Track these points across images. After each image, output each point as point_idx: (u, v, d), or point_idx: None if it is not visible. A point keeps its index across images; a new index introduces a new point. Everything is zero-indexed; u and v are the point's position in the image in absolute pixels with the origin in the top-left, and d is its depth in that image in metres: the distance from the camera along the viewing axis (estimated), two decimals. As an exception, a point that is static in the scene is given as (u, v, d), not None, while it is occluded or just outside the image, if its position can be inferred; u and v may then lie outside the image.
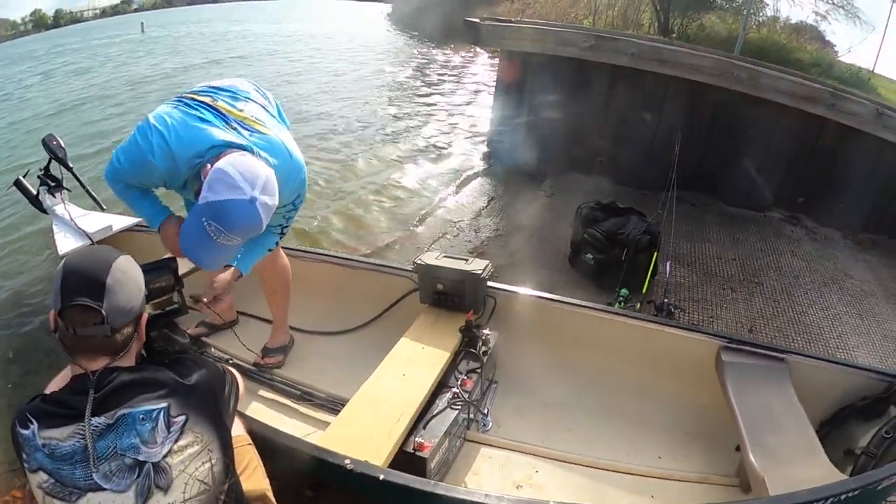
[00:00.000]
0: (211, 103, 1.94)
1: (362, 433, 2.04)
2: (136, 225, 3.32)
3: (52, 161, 2.86)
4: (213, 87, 2.06)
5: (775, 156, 4.80)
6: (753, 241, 4.46)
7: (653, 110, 4.92)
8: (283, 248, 2.71)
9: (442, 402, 2.24)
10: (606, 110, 5.14)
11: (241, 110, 1.97)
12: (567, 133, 5.26)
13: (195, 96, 1.98)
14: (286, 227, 2.22)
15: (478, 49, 9.45)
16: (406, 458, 2.02)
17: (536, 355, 2.67)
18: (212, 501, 1.30)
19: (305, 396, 2.61)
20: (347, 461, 1.82)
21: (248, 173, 1.69)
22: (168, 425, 1.26)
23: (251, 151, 1.84)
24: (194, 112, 1.88)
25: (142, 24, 20.93)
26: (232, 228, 1.68)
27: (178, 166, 1.86)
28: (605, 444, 2.37)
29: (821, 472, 1.85)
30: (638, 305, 3.19)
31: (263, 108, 2.11)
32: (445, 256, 2.60)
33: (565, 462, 2.30)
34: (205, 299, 2.00)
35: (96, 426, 1.21)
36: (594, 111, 5.17)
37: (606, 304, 2.85)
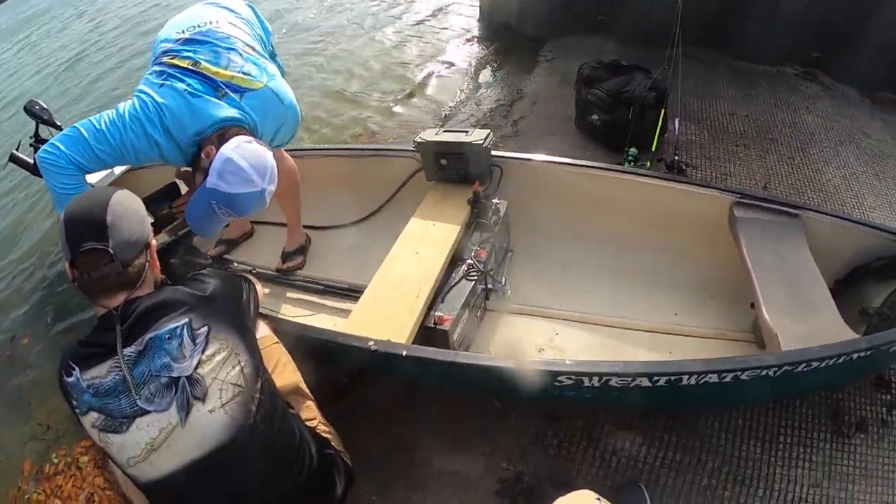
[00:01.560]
0: (193, 68, 1.92)
1: (383, 315, 2.09)
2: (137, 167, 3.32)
3: (40, 125, 2.83)
4: (189, 42, 2.00)
5: (787, 7, 4.46)
6: (766, 97, 4.28)
7: None
8: (285, 149, 2.70)
9: (457, 274, 2.26)
10: None
11: (225, 68, 1.94)
12: None
13: (176, 62, 1.94)
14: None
15: None
16: (428, 333, 2.07)
17: (549, 220, 2.68)
18: (248, 401, 1.37)
19: (329, 290, 2.68)
20: (371, 343, 1.87)
21: (257, 165, 1.77)
22: (193, 338, 1.33)
23: (247, 123, 1.91)
24: (183, 87, 1.86)
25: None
26: (243, 213, 1.84)
27: (181, 149, 1.90)
28: (622, 303, 2.40)
29: (834, 329, 1.84)
30: (648, 164, 3.14)
31: (247, 50, 2.07)
32: (445, 131, 2.56)
33: (584, 323, 2.35)
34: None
35: (129, 356, 1.29)
36: None
37: (616, 164, 2.80)
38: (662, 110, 3.33)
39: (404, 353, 1.83)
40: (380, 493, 2.11)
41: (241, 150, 1.77)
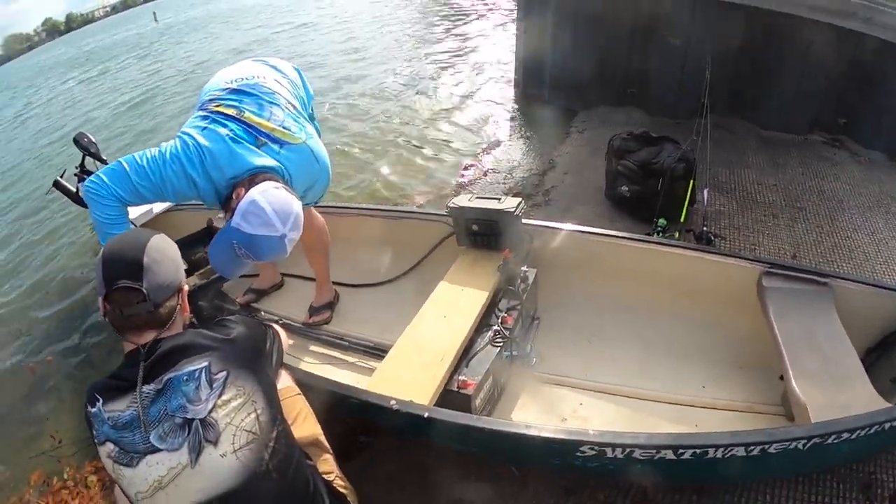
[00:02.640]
0: (237, 116, 2.01)
1: (407, 376, 2.10)
2: (176, 205, 3.41)
3: (86, 157, 2.94)
4: (236, 93, 2.10)
5: (812, 76, 4.55)
6: (794, 165, 4.30)
7: (680, 34, 4.70)
8: (316, 206, 2.76)
9: (483, 340, 2.27)
10: (632, 37, 4.92)
11: (268, 120, 2.03)
12: (594, 65, 5.12)
13: (221, 109, 2.04)
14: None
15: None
16: (451, 397, 2.07)
17: (577, 289, 2.68)
18: (262, 449, 1.36)
19: (353, 346, 2.70)
20: (393, 402, 1.87)
21: (281, 211, 1.80)
22: (210, 382, 1.34)
23: (282, 174, 1.96)
24: (224, 131, 1.95)
25: (154, 14, 20.93)
26: (260, 257, 1.85)
27: (217, 188, 1.96)
28: (648, 374, 2.37)
29: (865, 399, 1.80)
30: (677, 234, 3.16)
31: (290, 107, 2.17)
32: (478, 197, 2.61)
33: (609, 394, 2.32)
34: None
35: (147, 393, 1.31)
36: (620, 39, 4.97)
37: (645, 234, 2.82)
38: (691, 181, 3.37)
39: (426, 414, 1.83)
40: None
41: (267, 194, 1.82)
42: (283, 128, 2.04)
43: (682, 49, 4.68)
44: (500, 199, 2.56)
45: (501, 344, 2.25)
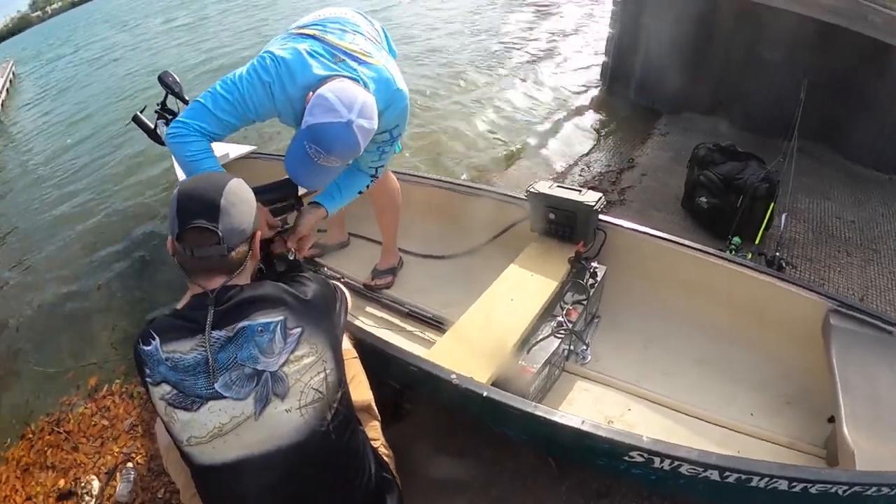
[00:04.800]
0: (320, 36, 1.98)
1: (468, 352, 2.11)
2: (252, 152, 3.51)
3: (169, 96, 3.00)
4: (322, 20, 2.09)
5: None
6: (876, 204, 4.12)
7: (779, 51, 4.52)
8: (394, 171, 2.78)
9: (546, 329, 2.27)
10: (730, 47, 4.78)
11: (350, 42, 2.00)
12: (687, 69, 4.98)
13: (304, 30, 2.02)
14: (380, 166, 2.23)
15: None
16: (508, 380, 2.06)
17: (642, 293, 2.66)
18: (325, 409, 1.37)
19: (412, 315, 2.72)
20: (454, 376, 1.89)
21: (345, 97, 1.74)
22: (285, 336, 1.33)
23: (356, 81, 1.88)
24: (304, 46, 1.91)
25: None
26: (330, 150, 1.74)
27: (291, 101, 1.91)
28: (699, 391, 2.32)
29: None
30: (749, 255, 3.08)
31: (372, 40, 2.14)
32: (559, 186, 2.59)
33: (658, 404, 2.29)
34: (289, 244, 2.02)
35: (217, 339, 1.30)
36: (717, 47, 4.83)
37: (717, 249, 2.77)
38: (772, 203, 3.30)
39: (485, 393, 1.84)
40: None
41: (332, 86, 1.78)
42: (364, 50, 2.00)
43: (780, 66, 4.50)
44: (580, 191, 2.55)
45: (563, 336, 2.25)
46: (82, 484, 2.71)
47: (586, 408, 2.28)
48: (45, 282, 4.50)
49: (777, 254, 3.02)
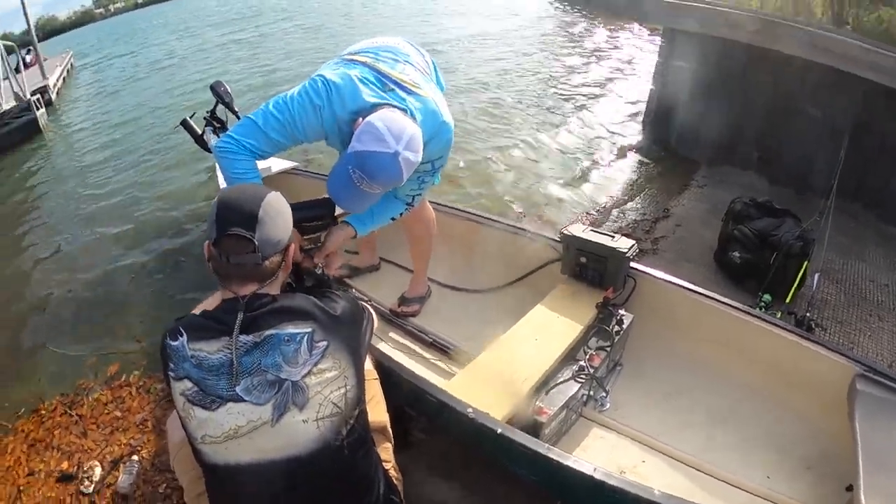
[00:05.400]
0: (371, 63, 2.03)
1: (486, 387, 2.12)
2: (294, 168, 3.58)
3: (219, 105, 3.08)
4: (375, 48, 2.15)
5: None
6: (912, 270, 4.10)
7: (819, 108, 4.49)
8: (431, 202, 2.82)
9: (567, 373, 2.27)
10: (770, 103, 4.77)
11: (400, 72, 2.04)
12: (726, 122, 4.98)
13: (356, 57, 2.07)
14: (418, 195, 2.27)
15: (640, 25, 9.18)
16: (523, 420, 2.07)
17: (667, 344, 2.63)
18: (342, 424, 1.39)
19: (435, 345, 2.73)
20: (470, 410, 1.90)
21: (394, 128, 1.77)
22: (310, 348, 1.36)
23: (405, 112, 1.91)
24: (356, 73, 1.96)
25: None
26: (374, 178, 1.78)
27: (339, 125, 1.96)
28: (716, 448, 2.28)
29: None
30: (779, 314, 3.04)
31: (422, 71, 2.19)
32: (592, 230, 2.60)
33: (673, 458, 2.25)
34: (316, 260, 2.06)
35: (243, 343, 1.33)
36: (757, 102, 4.83)
37: (747, 305, 2.75)
38: (805, 262, 3.26)
39: (499, 430, 1.84)
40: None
41: (382, 115, 1.81)
42: (413, 81, 2.04)
43: (820, 123, 4.48)
44: (613, 236, 2.55)
45: (583, 381, 2.24)
46: (85, 469, 2.76)
47: (600, 455, 2.25)
48: (77, 268, 4.66)
49: (807, 314, 2.98)
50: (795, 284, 3.21)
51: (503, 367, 2.24)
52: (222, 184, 3.07)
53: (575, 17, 11.36)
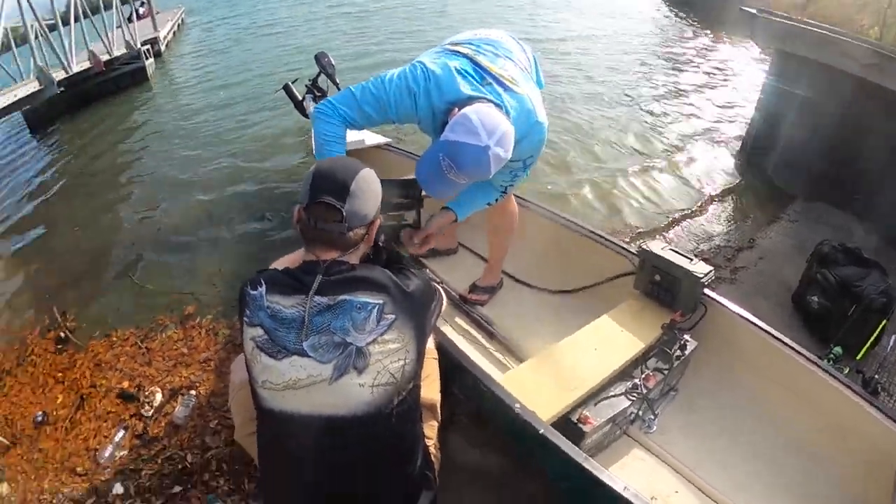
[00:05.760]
0: (472, 56, 2.08)
1: (538, 387, 2.16)
2: (386, 144, 3.66)
3: (321, 75, 3.18)
4: (477, 40, 2.19)
5: None
6: None
7: None
8: (516, 196, 2.86)
9: (620, 388, 2.28)
10: (877, 143, 4.46)
11: (500, 67, 2.08)
12: (830, 158, 4.73)
13: (458, 47, 2.12)
14: (510, 186, 2.33)
15: (750, 44, 8.84)
16: (566, 425, 2.09)
17: (725, 377, 2.58)
18: (394, 394, 1.46)
19: (496, 337, 2.78)
20: (517, 405, 1.94)
21: (488, 123, 1.82)
22: (379, 319, 1.43)
23: (500, 108, 1.96)
24: (456, 64, 2.02)
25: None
26: (462, 168, 1.83)
27: (434, 111, 2.03)
28: (751, 493, 2.22)
29: None
30: (846, 370, 2.92)
31: (522, 68, 2.21)
32: (671, 250, 2.56)
33: (707, 496, 2.23)
34: (415, 239, 2.17)
35: (317, 303, 1.42)
36: (865, 141, 4.52)
37: (816, 355, 2.66)
38: (885, 321, 3.13)
39: (541, 430, 1.88)
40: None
41: (478, 109, 1.86)
42: (511, 77, 2.07)
43: None
44: (692, 259, 2.50)
45: (634, 399, 2.25)
46: (146, 393, 2.97)
47: (636, 477, 2.24)
48: (167, 214, 4.98)
49: (876, 375, 2.88)
50: (870, 342, 3.08)
51: (558, 371, 2.26)
52: (314, 149, 3.23)
53: (685, 26, 11.00)
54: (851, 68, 4.39)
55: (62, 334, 3.51)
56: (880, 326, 3.12)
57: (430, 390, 1.85)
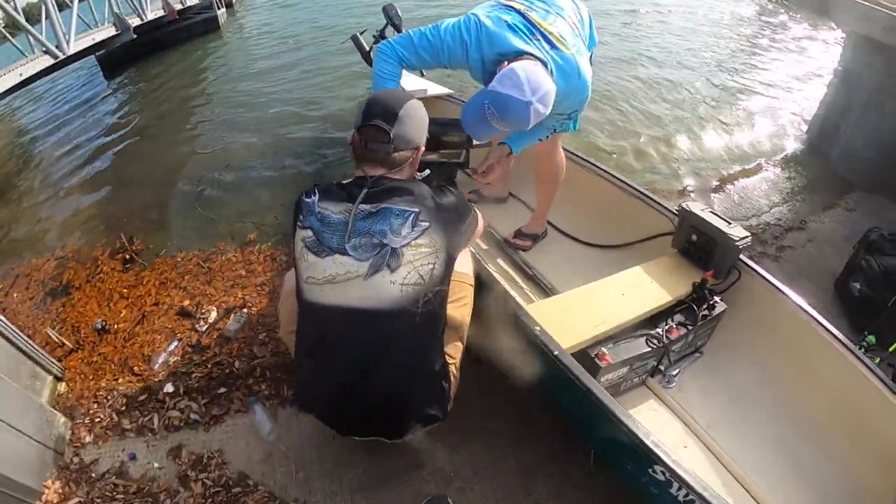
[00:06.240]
0: (524, 11, 2.19)
1: (560, 320, 2.25)
2: (448, 95, 3.78)
3: (388, 26, 3.30)
4: None
5: None
6: None
7: None
8: (565, 149, 2.96)
9: (640, 334, 2.35)
10: None
11: (550, 24, 2.18)
12: (894, 152, 4.57)
13: (511, 3, 2.24)
14: (557, 129, 2.50)
15: (829, 24, 8.54)
16: (583, 358, 2.16)
17: (751, 346, 2.59)
18: (421, 294, 1.66)
19: (535, 280, 2.92)
20: (538, 328, 2.05)
21: (533, 81, 1.94)
22: (413, 225, 1.65)
23: (546, 65, 2.08)
24: (508, 19, 2.15)
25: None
26: (504, 118, 1.97)
27: (483, 61, 2.16)
28: (760, 465, 2.24)
29: None
30: (877, 360, 2.84)
31: (572, 26, 2.30)
32: (711, 212, 2.58)
33: (714, 455, 2.27)
34: (480, 169, 2.39)
35: (361, 211, 1.66)
36: None
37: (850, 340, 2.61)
38: (924, 316, 3.04)
39: (556, 352, 1.99)
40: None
41: (525, 66, 1.98)
42: (560, 35, 2.18)
43: None
44: (730, 223, 2.52)
45: (653, 347, 2.32)
46: (203, 311, 3.19)
47: (647, 423, 2.19)
48: (234, 152, 5.30)
49: None
50: None
51: (583, 309, 2.35)
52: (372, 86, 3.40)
53: (774, 6, 10.60)
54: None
55: (128, 256, 3.80)
56: (919, 322, 3.02)
57: (462, 312, 1.99)
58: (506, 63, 2.04)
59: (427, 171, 2.22)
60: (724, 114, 6.06)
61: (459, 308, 1.96)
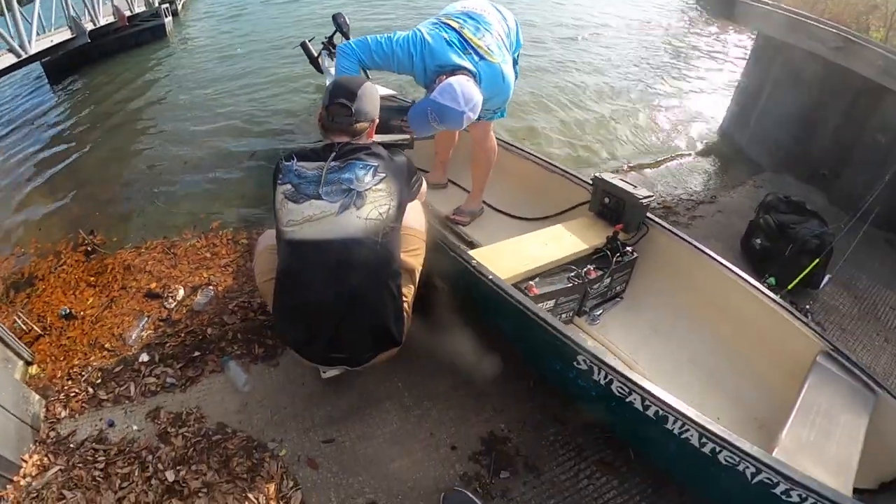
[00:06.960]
0: (458, 29, 2.69)
1: (494, 261, 2.60)
2: (392, 96, 4.06)
3: (337, 33, 3.58)
4: (464, 14, 2.80)
5: None
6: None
7: (889, 134, 4.40)
8: (498, 138, 3.39)
9: (562, 274, 2.76)
10: (842, 122, 4.75)
11: (479, 39, 2.69)
12: (797, 134, 5.10)
13: (449, 21, 2.74)
14: (484, 119, 3.05)
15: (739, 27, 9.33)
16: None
17: (663, 287, 3.01)
18: (380, 228, 2.04)
19: (473, 244, 3.28)
20: (474, 261, 2.48)
21: (467, 94, 2.45)
22: (374, 174, 2.07)
23: (475, 76, 2.61)
24: (446, 36, 2.65)
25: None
26: (442, 122, 2.52)
27: (426, 71, 2.67)
28: (680, 385, 2.46)
29: (835, 485, 1.76)
30: (778, 295, 3.21)
31: (498, 38, 2.80)
32: (621, 179, 3.02)
33: (637, 374, 2.44)
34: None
35: (332, 166, 2.06)
36: (830, 120, 4.84)
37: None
38: (817, 259, 3.42)
39: (490, 276, 2.39)
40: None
41: (461, 80, 2.49)
42: (488, 48, 2.67)
43: (884, 151, 4.44)
44: (635, 186, 2.95)
45: (573, 284, 2.70)
46: (170, 290, 3.39)
47: None
48: (192, 153, 5.46)
49: (808, 306, 3.24)
50: (801, 276, 3.39)
51: (513, 254, 2.77)
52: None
53: (708, 18, 11.39)
54: (820, 51, 4.74)
55: (90, 248, 3.93)
56: (812, 265, 3.43)
57: (413, 258, 2.33)
58: (444, 76, 2.54)
59: None
60: (647, 113, 6.61)
61: (413, 256, 2.32)
